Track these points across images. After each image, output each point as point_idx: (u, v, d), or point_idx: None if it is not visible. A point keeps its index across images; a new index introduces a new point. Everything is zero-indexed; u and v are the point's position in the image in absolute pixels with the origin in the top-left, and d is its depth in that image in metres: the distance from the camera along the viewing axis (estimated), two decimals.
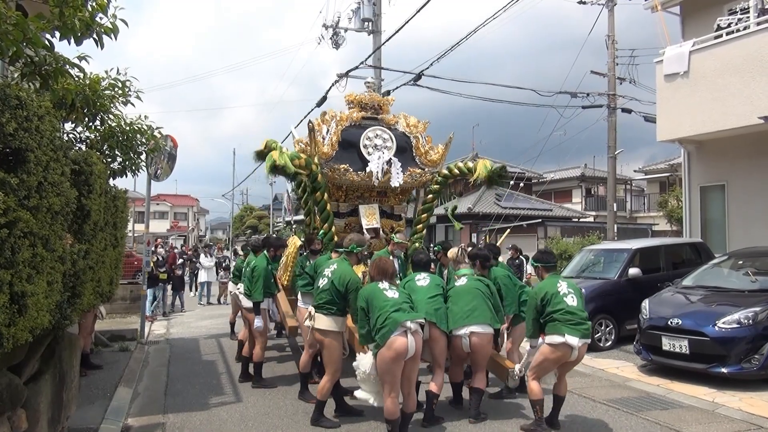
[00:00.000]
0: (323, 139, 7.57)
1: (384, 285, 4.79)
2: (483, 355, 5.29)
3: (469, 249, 6.52)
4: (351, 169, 7.51)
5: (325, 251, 6.81)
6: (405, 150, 7.89)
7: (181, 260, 15.24)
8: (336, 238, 7.07)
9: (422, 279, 5.46)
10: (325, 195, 7.40)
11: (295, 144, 8.24)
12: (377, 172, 7.44)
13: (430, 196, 8.20)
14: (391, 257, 6.74)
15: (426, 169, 7.94)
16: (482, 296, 5.33)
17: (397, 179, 7.54)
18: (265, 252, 7.02)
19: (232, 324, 10.23)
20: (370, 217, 7.59)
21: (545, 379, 5.10)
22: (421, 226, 8.22)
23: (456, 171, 8.12)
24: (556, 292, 4.87)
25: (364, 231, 7.50)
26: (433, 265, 7.13)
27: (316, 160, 7.37)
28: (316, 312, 5.22)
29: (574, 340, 4.68)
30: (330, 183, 7.59)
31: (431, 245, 11.62)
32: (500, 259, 7.17)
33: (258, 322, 6.65)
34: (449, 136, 8.32)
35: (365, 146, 7.62)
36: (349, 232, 7.24)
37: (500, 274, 6.06)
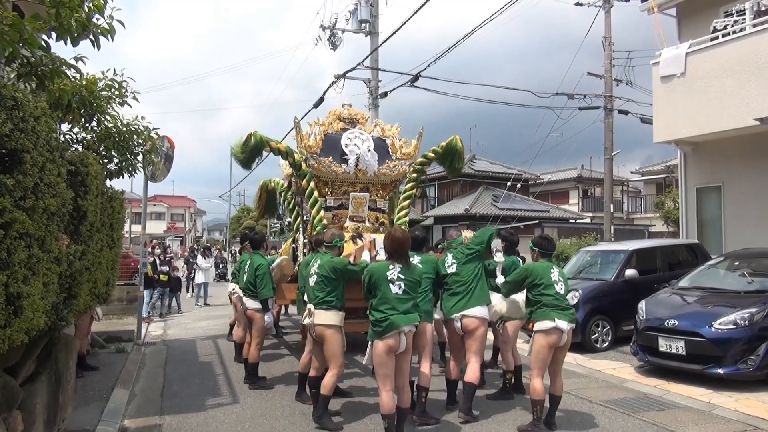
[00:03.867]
0: (309, 136, 8.28)
1: (393, 273, 4.72)
2: (476, 336, 5.35)
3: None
4: (335, 162, 8.15)
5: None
6: (381, 150, 8.61)
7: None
8: (325, 221, 7.81)
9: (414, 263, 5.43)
10: (312, 183, 7.96)
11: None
12: (356, 160, 8.13)
13: (410, 184, 8.76)
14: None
15: (401, 161, 8.64)
16: (475, 280, 5.44)
17: (372, 168, 8.25)
18: (259, 251, 7.08)
19: (232, 325, 10.22)
20: (357, 207, 8.23)
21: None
22: (404, 212, 8.60)
23: (431, 155, 8.68)
24: (548, 275, 5.08)
25: (348, 217, 8.18)
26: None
27: (299, 151, 8.06)
28: (315, 309, 5.27)
29: (563, 324, 4.89)
30: (317, 177, 8.13)
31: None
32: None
33: (268, 318, 6.75)
34: (419, 131, 8.96)
35: (346, 145, 8.29)
36: (338, 223, 7.97)
37: (511, 261, 6.17)
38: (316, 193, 7.98)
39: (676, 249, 10.64)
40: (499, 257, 5.81)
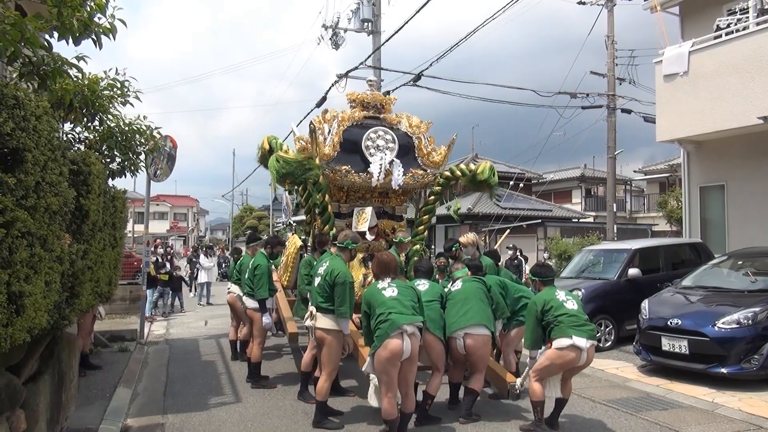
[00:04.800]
0: (324, 140, 7.49)
1: (384, 284, 4.78)
2: (479, 356, 5.29)
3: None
4: (352, 171, 7.42)
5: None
6: (407, 151, 7.81)
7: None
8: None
9: (421, 285, 5.50)
10: (326, 196, 7.38)
11: (296, 141, 8.18)
12: (379, 173, 7.35)
13: (432, 197, 8.15)
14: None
15: (428, 171, 7.86)
16: (477, 298, 5.36)
17: (397, 181, 7.46)
18: (262, 250, 7.06)
19: None
20: (360, 222, 7.48)
21: (552, 387, 5.00)
22: (422, 227, 8.17)
23: (458, 173, 8.09)
24: (555, 299, 4.92)
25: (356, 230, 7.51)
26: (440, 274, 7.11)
27: (317, 161, 7.33)
28: (316, 312, 5.23)
29: (581, 341, 4.68)
30: (331, 184, 7.55)
31: (432, 246, 11.67)
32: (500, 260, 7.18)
33: (266, 319, 6.71)
34: (452, 138, 8.23)
35: (367, 147, 7.52)
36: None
37: (492, 282, 5.94)
38: (330, 209, 7.43)
39: (679, 248, 10.61)
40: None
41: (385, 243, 7.73)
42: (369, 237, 7.39)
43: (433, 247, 20.63)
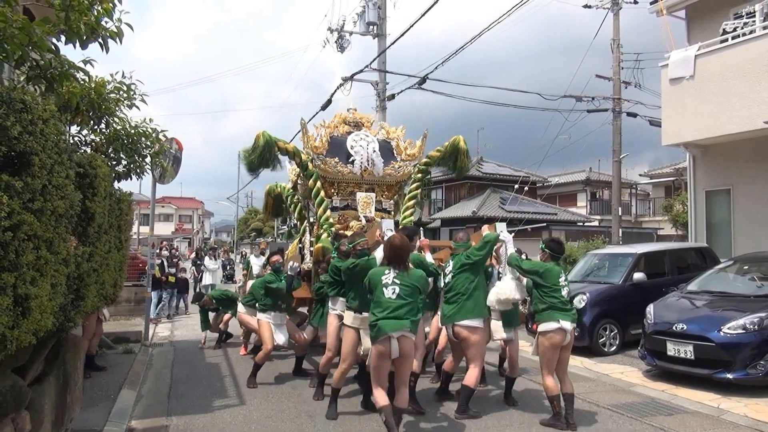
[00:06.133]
0: (315, 137, 8.43)
1: (388, 278, 4.76)
2: (471, 343, 5.40)
3: None
4: (340, 162, 8.28)
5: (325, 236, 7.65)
6: (387, 151, 8.76)
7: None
8: (331, 220, 8.05)
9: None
10: (318, 182, 8.16)
11: (291, 171, 9.47)
12: (364, 159, 8.27)
13: (415, 184, 8.92)
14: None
15: (406, 162, 8.77)
16: (467, 292, 5.42)
17: (378, 169, 8.39)
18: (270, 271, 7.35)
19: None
20: (365, 206, 8.33)
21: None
22: (409, 212, 8.74)
23: (435, 154, 8.87)
24: (557, 280, 5.29)
25: (359, 217, 8.28)
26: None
27: (306, 152, 8.25)
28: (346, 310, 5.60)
29: (567, 325, 5.14)
30: (323, 178, 8.30)
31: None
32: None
33: (280, 340, 7.08)
34: (424, 132, 9.10)
35: (351, 146, 8.43)
36: (344, 224, 8.09)
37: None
38: (322, 193, 8.14)
39: (685, 252, 10.55)
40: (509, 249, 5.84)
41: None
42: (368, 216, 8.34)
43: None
